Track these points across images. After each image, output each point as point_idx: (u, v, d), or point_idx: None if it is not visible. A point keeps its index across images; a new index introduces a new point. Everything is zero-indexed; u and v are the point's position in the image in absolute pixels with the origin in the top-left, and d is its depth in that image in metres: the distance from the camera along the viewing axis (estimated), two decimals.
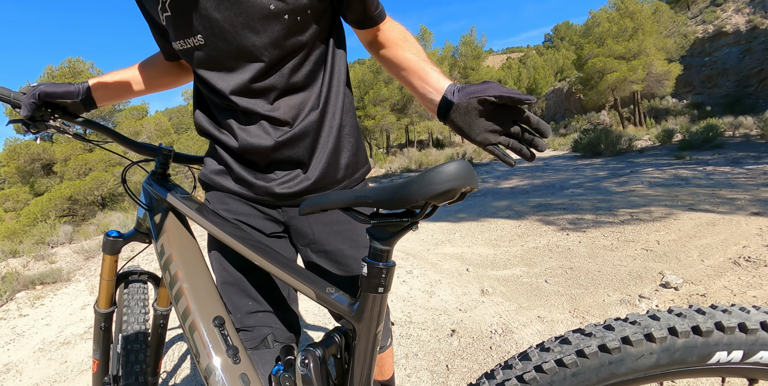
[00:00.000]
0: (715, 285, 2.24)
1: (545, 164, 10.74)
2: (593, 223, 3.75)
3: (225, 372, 0.74)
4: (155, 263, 4.70)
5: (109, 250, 1.09)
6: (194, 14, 0.73)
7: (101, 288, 1.12)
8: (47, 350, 2.57)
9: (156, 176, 1.01)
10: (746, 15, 20.44)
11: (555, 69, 41.46)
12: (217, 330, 0.79)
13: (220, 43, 0.75)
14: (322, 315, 2.46)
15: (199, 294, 0.83)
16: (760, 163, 6.79)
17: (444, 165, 0.48)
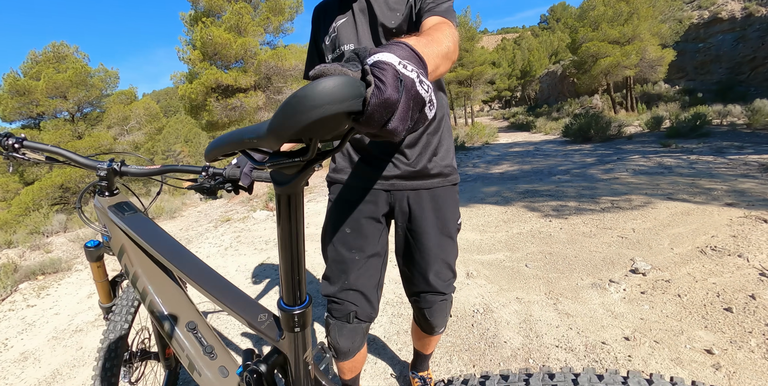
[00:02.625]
0: (680, 272, 2.41)
1: (536, 149, 10.87)
2: (576, 210, 3.92)
3: (205, 368, 0.86)
4: None
5: (91, 259, 1.23)
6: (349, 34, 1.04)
7: (98, 288, 1.29)
8: (61, 338, 2.67)
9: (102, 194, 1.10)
10: (742, 2, 20.34)
11: (550, 51, 41.10)
12: (192, 334, 0.91)
13: None
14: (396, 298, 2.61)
15: (171, 305, 0.94)
16: (743, 153, 6.97)
17: (311, 84, 0.33)
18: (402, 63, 0.36)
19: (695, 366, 1.65)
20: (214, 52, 12.27)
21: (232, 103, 12.20)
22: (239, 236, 4.60)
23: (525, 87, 40.82)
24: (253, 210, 6.06)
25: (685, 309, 2.06)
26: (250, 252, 3.89)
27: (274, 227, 4.83)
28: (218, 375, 0.86)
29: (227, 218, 6.12)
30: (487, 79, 28.13)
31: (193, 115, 13.51)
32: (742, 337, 1.81)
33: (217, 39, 11.74)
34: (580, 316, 2.08)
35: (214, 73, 12.02)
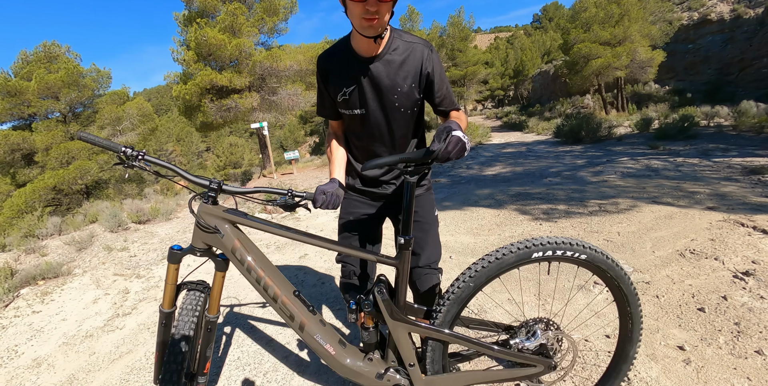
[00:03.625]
0: (659, 274, 2.57)
1: (528, 150, 11.06)
2: (565, 214, 4.08)
3: (310, 321, 1.31)
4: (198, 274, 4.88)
5: (173, 261, 1.34)
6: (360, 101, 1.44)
7: (166, 291, 1.36)
8: (72, 343, 2.74)
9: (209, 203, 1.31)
10: (731, 4, 20.73)
11: (542, 51, 41.42)
12: (297, 299, 1.33)
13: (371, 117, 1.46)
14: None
15: (278, 283, 1.32)
16: (727, 155, 7.20)
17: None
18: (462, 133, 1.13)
19: (668, 361, 1.80)
20: (208, 52, 12.31)
21: (226, 103, 12.26)
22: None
23: (518, 86, 41.09)
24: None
25: (662, 309, 2.22)
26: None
27: None
28: (319, 325, 1.33)
29: None
30: (480, 78, 28.35)
31: (188, 116, 13.54)
32: (712, 335, 1.97)
33: (212, 40, 11.77)
34: (565, 316, 2.23)
35: (208, 74, 12.05)
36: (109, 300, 3.49)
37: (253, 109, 12.75)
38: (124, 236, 6.15)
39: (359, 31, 1.26)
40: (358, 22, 1.23)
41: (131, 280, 3.92)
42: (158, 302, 3.26)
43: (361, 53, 1.36)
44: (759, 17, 18.81)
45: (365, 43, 1.32)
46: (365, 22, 1.21)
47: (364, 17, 1.20)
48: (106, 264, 4.64)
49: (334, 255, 3.70)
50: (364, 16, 1.20)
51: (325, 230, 4.67)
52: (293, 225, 5.33)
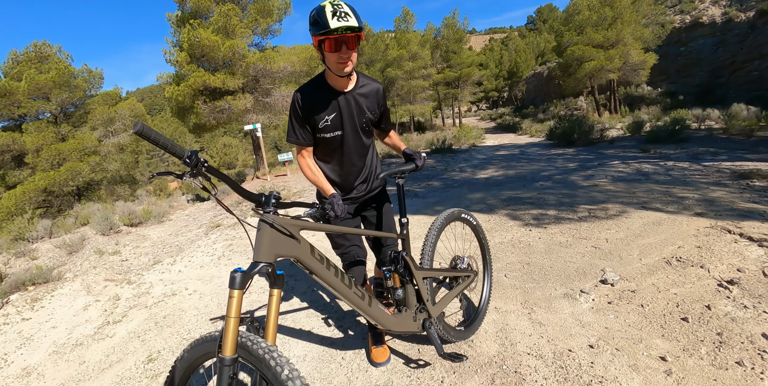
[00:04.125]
0: (645, 283, 2.60)
1: (521, 152, 11.12)
2: (554, 219, 4.11)
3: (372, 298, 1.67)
4: None
5: (239, 285, 1.13)
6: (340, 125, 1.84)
7: (228, 329, 1.06)
8: (62, 352, 2.72)
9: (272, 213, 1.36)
10: (722, 7, 20.94)
11: (536, 53, 41.65)
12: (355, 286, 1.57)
13: (347, 137, 1.88)
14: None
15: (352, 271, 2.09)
16: (717, 159, 7.27)
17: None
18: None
19: (649, 372, 1.82)
20: (201, 54, 12.25)
21: (220, 105, 12.20)
22: (231, 244, 4.69)
23: (512, 87, 41.28)
24: (244, 217, 6.12)
25: (646, 319, 2.24)
26: (243, 262, 3.98)
27: None
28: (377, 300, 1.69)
29: (217, 224, 6.18)
30: (474, 80, 28.43)
31: (181, 118, 13.46)
32: (694, 345, 2.00)
33: (205, 41, 11.72)
34: (551, 325, 2.25)
35: (201, 76, 11.99)
36: (99, 307, 3.47)
37: (247, 110, 12.70)
38: (115, 239, 6.11)
39: (336, 72, 1.66)
40: (335, 66, 1.63)
41: (122, 286, 3.90)
42: (149, 309, 3.24)
43: (338, 88, 1.77)
44: (750, 21, 19.03)
45: (341, 81, 1.74)
46: (340, 65, 1.62)
47: (339, 62, 1.60)
48: (97, 268, 4.61)
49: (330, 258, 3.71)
50: (339, 61, 1.60)
51: (317, 235, 4.66)
52: None
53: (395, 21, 25.39)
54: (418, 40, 24.04)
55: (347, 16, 1.52)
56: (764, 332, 2.04)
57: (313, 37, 1.59)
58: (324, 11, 1.51)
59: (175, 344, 2.62)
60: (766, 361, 1.85)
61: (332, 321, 2.66)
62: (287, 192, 8.05)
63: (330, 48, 1.58)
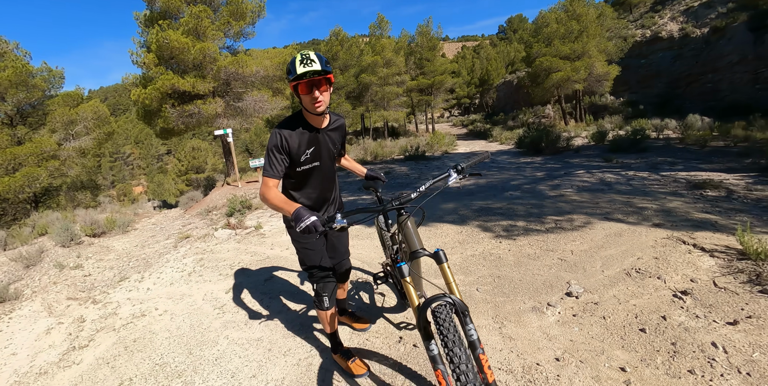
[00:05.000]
0: (607, 295, 2.73)
1: (491, 160, 11.38)
2: (523, 231, 4.24)
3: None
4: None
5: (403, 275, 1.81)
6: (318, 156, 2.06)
7: (413, 303, 1.80)
8: (25, 382, 2.55)
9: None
10: (680, 23, 22.31)
11: (507, 61, 42.82)
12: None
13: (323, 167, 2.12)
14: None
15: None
16: (674, 169, 7.70)
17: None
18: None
19: (610, 382, 1.92)
20: (170, 56, 11.93)
21: (189, 109, 11.90)
22: (202, 259, 4.58)
23: (483, 95, 42.22)
24: (215, 229, 5.99)
25: (607, 331, 2.36)
26: (215, 278, 3.90)
27: (237, 249, 4.83)
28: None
29: (186, 235, 6.02)
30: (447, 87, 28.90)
31: (147, 122, 13.05)
32: (651, 356, 2.12)
33: (174, 43, 11.42)
34: (520, 339, 2.34)
35: (170, 79, 11.67)
36: (63, 330, 3.29)
37: (217, 115, 12.45)
38: (77, 251, 5.85)
39: (311, 112, 1.87)
40: (311, 106, 1.84)
41: (87, 306, 3.73)
42: (117, 332, 3.10)
43: (315, 125, 1.98)
44: (705, 36, 20.27)
45: (317, 119, 1.96)
46: (315, 105, 1.82)
47: (314, 103, 1.82)
48: (58, 285, 4.40)
49: (296, 279, 3.67)
50: (313, 102, 1.81)
51: (291, 248, 4.62)
52: (264, 241, 5.24)
53: (370, 27, 25.54)
54: (392, 46, 24.28)
55: (311, 62, 1.74)
56: (713, 341, 2.19)
57: (289, 83, 1.83)
58: (294, 61, 1.77)
59: (147, 370, 2.52)
60: (715, 369, 1.98)
61: (309, 341, 2.66)
62: (259, 200, 7.94)
63: (303, 91, 1.80)
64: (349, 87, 22.45)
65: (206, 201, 10.66)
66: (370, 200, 6.89)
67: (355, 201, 7.28)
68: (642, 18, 26.55)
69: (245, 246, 4.90)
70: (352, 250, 4.22)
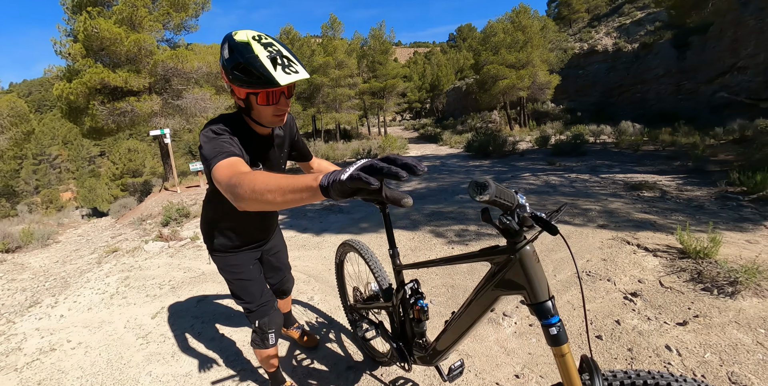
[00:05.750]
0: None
1: (442, 164, 11.46)
2: (475, 235, 4.16)
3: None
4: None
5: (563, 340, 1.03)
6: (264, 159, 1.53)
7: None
8: None
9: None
10: (614, 38, 24.29)
11: (456, 68, 44.00)
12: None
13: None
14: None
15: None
16: (612, 171, 8.09)
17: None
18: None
19: None
20: (100, 47, 10.89)
21: (121, 107, 10.92)
22: (128, 277, 4.02)
23: (434, 100, 43.09)
24: (145, 242, 5.36)
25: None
26: (141, 301, 3.41)
27: (170, 264, 4.32)
28: None
29: (114, 248, 5.37)
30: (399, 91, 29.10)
31: (73, 120, 11.83)
32: (610, 364, 2.04)
33: (105, 33, 10.43)
34: (478, 356, 2.18)
35: (99, 72, 10.65)
36: None
37: (154, 113, 11.53)
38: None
39: (268, 125, 1.37)
40: (269, 120, 1.33)
41: None
42: (19, 372, 2.53)
43: (259, 133, 1.46)
44: (635, 51, 22.04)
45: (266, 129, 1.45)
46: (276, 118, 1.33)
47: (275, 114, 1.32)
48: None
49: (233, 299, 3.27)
50: (275, 113, 1.31)
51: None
52: (200, 254, 4.77)
53: (322, 27, 25.15)
54: (344, 48, 24.03)
55: (293, 64, 1.21)
56: (667, 344, 2.15)
57: (237, 88, 1.24)
58: (257, 58, 1.16)
59: None
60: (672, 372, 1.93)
61: (246, 375, 2.34)
62: (199, 206, 7.35)
63: (265, 101, 1.26)
64: (299, 87, 21.86)
65: (140, 208, 9.79)
66: (364, 212, 6.56)
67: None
68: (580, 32, 28.55)
69: (178, 260, 4.40)
70: (297, 262, 3.91)
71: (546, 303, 1.02)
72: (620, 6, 29.21)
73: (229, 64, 1.20)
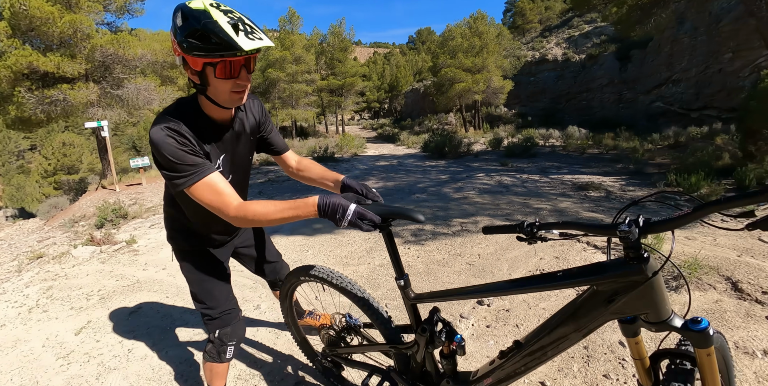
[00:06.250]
0: (517, 300, 2.64)
1: (399, 163, 11.45)
2: (431, 235, 4.10)
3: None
4: None
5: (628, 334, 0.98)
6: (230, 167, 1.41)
7: (636, 366, 1.04)
8: None
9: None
10: (563, 48, 25.72)
11: (415, 70, 44.48)
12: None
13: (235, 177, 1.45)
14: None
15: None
16: (560, 172, 8.42)
17: None
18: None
19: None
20: (29, 27, 9.84)
21: (51, 95, 9.93)
22: (51, 287, 3.54)
23: (392, 100, 43.31)
24: (74, 246, 4.80)
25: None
26: (64, 315, 2.98)
27: (100, 271, 3.88)
28: None
29: (39, 254, 4.78)
30: (357, 90, 28.96)
31: None
32: (567, 364, 2.01)
33: (35, 11, 9.43)
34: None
35: (27, 55, 9.62)
36: None
37: (90, 103, 10.59)
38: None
39: (227, 105, 1.21)
40: (227, 96, 1.17)
41: None
42: None
43: (220, 120, 1.30)
44: (582, 61, 23.43)
45: (225, 113, 1.28)
46: (235, 95, 1.18)
47: (234, 91, 1.17)
48: None
49: (171, 309, 2.94)
50: (235, 89, 1.16)
51: (169, 267, 3.83)
52: (137, 260, 4.37)
53: (280, 21, 24.45)
54: (303, 43, 23.50)
55: (256, 32, 1.10)
56: (620, 340, 2.17)
57: (193, 58, 1.08)
58: (216, 23, 1.03)
59: None
60: (626, 369, 1.94)
61: None
62: (139, 206, 6.79)
63: (224, 74, 1.11)
64: (254, 81, 21.07)
65: (73, 208, 8.96)
66: None
67: None
68: (533, 41, 29.94)
69: (111, 267, 3.97)
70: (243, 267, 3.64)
71: (671, 315, 0.90)
72: (570, 19, 30.89)
73: (183, 31, 1.06)
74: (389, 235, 1.33)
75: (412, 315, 1.37)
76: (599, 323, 0.97)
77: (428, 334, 1.28)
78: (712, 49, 13.69)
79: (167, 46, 11.55)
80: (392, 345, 1.46)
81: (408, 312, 1.37)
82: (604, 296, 0.93)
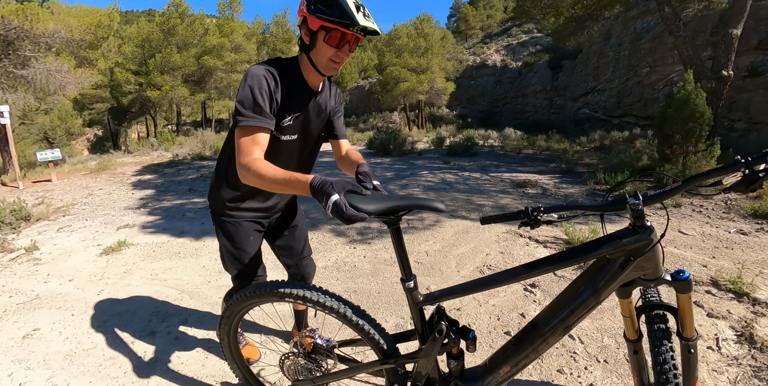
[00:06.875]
0: (467, 297, 2.57)
1: None
2: (377, 233, 3.96)
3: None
4: None
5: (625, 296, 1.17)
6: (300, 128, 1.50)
7: (625, 323, 1.24)
8: None
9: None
10: (502, 55, 27.08)
11: (360, 67, 44.23)
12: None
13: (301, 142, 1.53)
14: None
15: None
16: (499, 171, 8.69)
17: None
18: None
19: None
20: None
21: None
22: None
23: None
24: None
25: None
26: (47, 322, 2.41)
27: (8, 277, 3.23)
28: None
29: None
30: None
31: None
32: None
33: None
34: None
35: None
36: None
37: None
38: None
39: (322, 70, 1.36)
40: (326, 62, 1.32)
41: None
42: None
43: (311, 86, 1.44)
44: (518, 68, 24.79)
45: (319, 79, 1.43)
46: (332, 63, 1.33)
47: (333, 59, 1.32)
48: None
49: (77, 330, 2.42)
50: (333, 58, 1.31)
51: (77, 278, 3.28)
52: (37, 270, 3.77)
53: (219, 5, 23.04)
54: (243, 31, 22.35)
55: (371, 17, 1.28)
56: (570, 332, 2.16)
57: (315, 19, 1.23)
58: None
59: None
60: (579, 363, 1.93)
61: None
62: (45, 206, 5.91)
63: (332, 41, 1.28)
64: (187, 69, 19.60)
65: None
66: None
67: (183, 205, 6.12)
68: (474, 47, 31.12)
69: (3, 280, 3.30)
70: (167, 275, 3.23)
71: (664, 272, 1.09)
72: (509, 28, 32.54)
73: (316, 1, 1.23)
74: (397, 231, 1.20)
75: (419, 320, 1.25)
76: (613, 288, 1.08)
77: (443, 336, 1.19)
78: (633, 63, 14.99)
79: (86, 22, 10.34)
80: (392, 359, 1.26)
81: (414, 317, 1.26)
82: (617, 263, 1.04)
